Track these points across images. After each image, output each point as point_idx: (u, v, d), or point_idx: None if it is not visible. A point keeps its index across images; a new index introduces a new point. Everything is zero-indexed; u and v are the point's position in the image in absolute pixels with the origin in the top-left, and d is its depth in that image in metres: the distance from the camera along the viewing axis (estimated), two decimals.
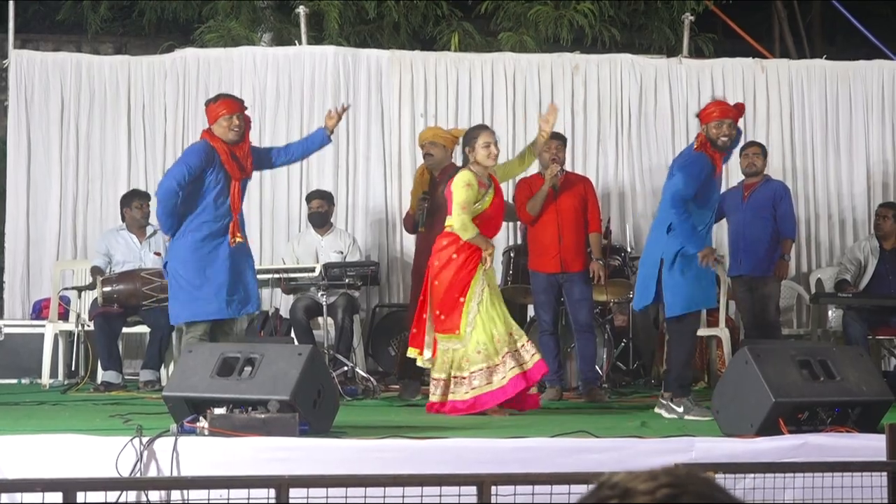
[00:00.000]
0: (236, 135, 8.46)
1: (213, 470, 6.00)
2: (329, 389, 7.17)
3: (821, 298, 10.52)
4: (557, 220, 9.74)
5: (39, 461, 6.17)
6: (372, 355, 11.17)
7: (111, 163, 11.63)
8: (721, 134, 8.17)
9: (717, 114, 8.23)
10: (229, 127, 8.44)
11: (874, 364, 8.80)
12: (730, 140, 8.25)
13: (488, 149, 8.57)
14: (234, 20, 13.36)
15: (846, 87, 12.03)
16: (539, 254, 9.77)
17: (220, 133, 8.46)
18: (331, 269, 9.91)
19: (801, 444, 6.53)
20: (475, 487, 5.16)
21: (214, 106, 8.55)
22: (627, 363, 10.99)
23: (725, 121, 8.19)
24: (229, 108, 8.51)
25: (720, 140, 8.18)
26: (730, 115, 8.24)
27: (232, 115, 8.46)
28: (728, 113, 8.25)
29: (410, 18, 13.73)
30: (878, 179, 11.97)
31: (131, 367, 10.92)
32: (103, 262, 10.55)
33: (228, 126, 8.44)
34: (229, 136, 8.45)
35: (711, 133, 8.19)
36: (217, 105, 8.55)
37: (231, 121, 8.45)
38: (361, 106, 11.70)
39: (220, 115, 8.46)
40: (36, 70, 11.68)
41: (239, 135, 8.48)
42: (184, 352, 7.40)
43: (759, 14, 15.90)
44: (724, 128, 8.17)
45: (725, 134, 8.18)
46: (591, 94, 11.85)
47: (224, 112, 8.47)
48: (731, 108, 8.35)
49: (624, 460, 6.29)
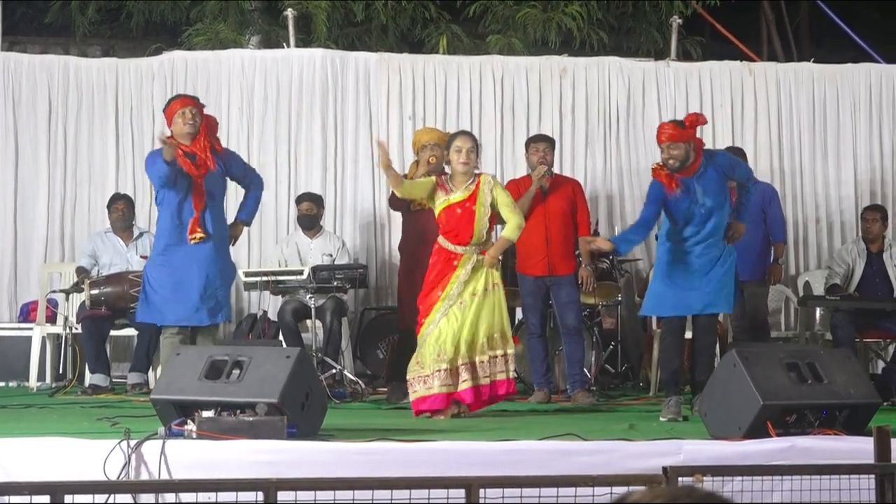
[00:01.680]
0: (192, 127, 8.62)
1: (201, 473, 5.99)
2: (317, 392, 7.16)
3: (809, 301, 10.53)
4: (545, 223, 9.74)
5: (27, 464, 6.16)
6: (360, 358, 11.16)
7: (99, 165, 11.61)
8: (668, 157, 8.47)
9: (660, 139, 8.54)
10: (184, 121, 8.62)
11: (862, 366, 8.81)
12: (677, 161, 8.45)
13: (458, 154, 8.64)
14: (221, 23, 13.34)
15: (834, 89, 12.04)
16: (526, 256, 9.77)
17: (177, 131, 8.64)
18: (319, 271, 9.90)
19: (789, 446, 6.55)
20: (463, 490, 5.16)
21: (169, 107, 8.77)
22: (616, 366, 10.99)
23: (663, 145, 8.49)
24: (182, 102, 8.74)
25: (668, 163, 8.49)
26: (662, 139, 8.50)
27: (185, 108, 8.65)
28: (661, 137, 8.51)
29: (398, 21, 13.72)
30: (865, 182, 11.98)
31: (119, 369, 10.90)
32: (88, 263, 10.54)
33: (183, 121, 8.62)
34: (185, 129, 8.62)
35: (662, 157, 8.54)
36: (172, 105, 8.77)
37: (184, 115, 8.63)
38: (349, 109, 11.69)
39: (175, 112, 8.66)
40: (23, 72, 11.65)
41: (195, 127, 8.62)
42: (171, 355, 7.39)
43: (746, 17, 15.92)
44: (667, 150, 8.47)
45: (670, 156, 8.45)
46: (578, 96, 11.86)
47: (178, 107, 8.67)
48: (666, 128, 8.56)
49: (612, 463, 6.30)
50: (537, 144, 10.00)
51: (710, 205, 8.52)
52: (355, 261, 10.98)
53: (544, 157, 9.84)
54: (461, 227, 8.58)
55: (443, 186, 8.67)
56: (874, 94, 12.06)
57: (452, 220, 8.59)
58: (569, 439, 6.68)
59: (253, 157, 11.49)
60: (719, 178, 8.58)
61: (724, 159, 8.76)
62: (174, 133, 8.64)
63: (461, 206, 8.59)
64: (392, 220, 11.59)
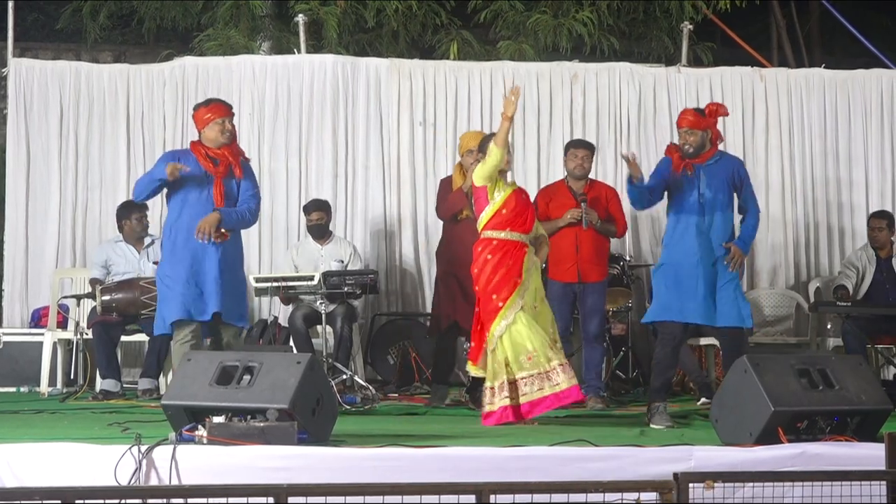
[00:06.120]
0: (227, 138, 8.71)
1: (212, 478, 6.00)
2: (328, 398, 7.16)
3: (820, 307, 10.51)
4: (576, 229, 9.74)
5: (38, 469, 6.17)
6: (371, 364, 11.16)
7: (110, 171, 11.63)
8: (684, 143, 8.52)
9: (680, 123, 8.61)
10: (221, 131, 8.71)
11: (873, 373, 8.80)
12: (692, 147, 8.49)
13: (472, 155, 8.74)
14: (233, 28, 13.37)
15: (845, 96, 12.02)
16: (557, 262, 9.75)
17: (210, 136, 8.71)
18: (330, 277, 9.91)
19: (800, 452, 6.53)
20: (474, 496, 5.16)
21: (202, 111, 8.79)
22: (627, 372, 10.99)
23: (681, 129, 8.56)
24: (220, 111, 8.77)
25: (683, 147, 8.53)
26: (681, 123, 8.57)
27: (224, 119, 8.73)
28: (681, 122, 8.58)
29: (409, 27, 13.74)
30: (876, 188, 11.96)
31: (130, 375, 10.91)
32: (101, 275, 10.55)
33: (221, 130, 8.71)
34: (220, 139, 8.71)
35: (679, 141, 8.60)
36: (206, 109, 8.79)
37: (223, 125, 8.72)
38: (360, 114, 11.70)
39: (211, 120, 8.71)
40: (35, 79, 11.67)
41: (229, 139, 8.72)
42: (182, 360, 7.40)
43: (757, 23, 15.93)
44: (684, 136, 8.53)
45: (686, 142, 8.51)
46: (589, 102, 11.85)
47: (216, 116, 8.72)
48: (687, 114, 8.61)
49: (623, 469, 6.29)
50: (576, 150, 9.96)
51: (709, 197, 8.46)
52: (366, 266, 10.98)
53: (583, 164, 9.86)
54: (528, 214, 8.57)
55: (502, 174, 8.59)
56: (885, 100, 12.04)
57: (521, 204, 8.54)
58: (580, 445, 6.66)
59: (264, 163, 11.52)
60: (726, 178, 8.54)
61: (740, 166, 8.71)
62: (203, 136, 8.72)
63: (525, 194, 8.68)
64: (402, 227, 11.60)
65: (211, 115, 8.70)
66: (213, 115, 8.70)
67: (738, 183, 8.60)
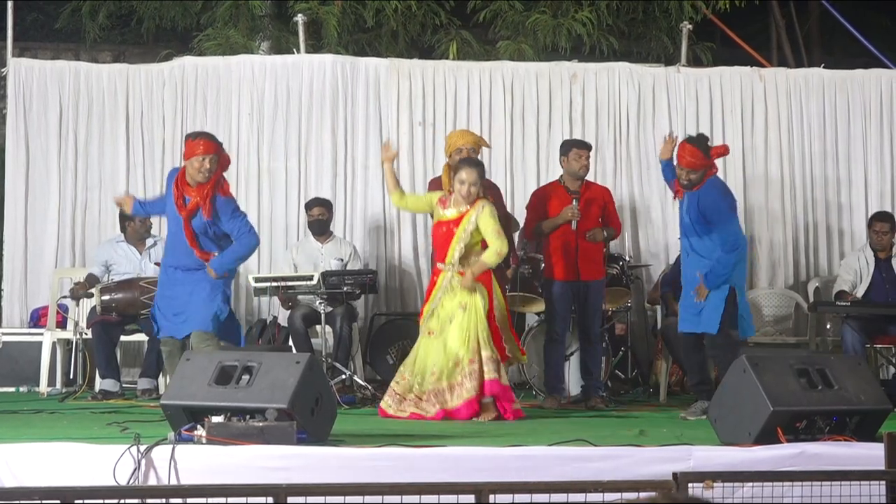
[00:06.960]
0: (203, 177, 8.70)
1: (211, 478, 6.00)
2: (327, 397, 7.17)
3: (819, 307, 10.51)
4: (575, 228, 9.74)
5: (37, 469, 6.18)
6: (370, 363, 11.15)
7: (109, 171, 11.62)
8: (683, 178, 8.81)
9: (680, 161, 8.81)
10: (199, 168, 8.70)
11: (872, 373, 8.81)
12: (690, 183, 8.75)
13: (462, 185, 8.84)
14: (232, 28, 13.36)
15: (844, 96, 12.02)
16: (555, 261, 9.76)
17: (190, 171, 8.74)
18: (329, 277, 9.91)
19: (799, 452, 6.54)
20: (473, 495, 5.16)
21: (193, 143, 8.80)
22: (626, 371, 10.99)
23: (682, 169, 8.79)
24: (205, 148, 8.74)
25: (681, 180, 8.83)
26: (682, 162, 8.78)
27: (205, 157, 8.69)
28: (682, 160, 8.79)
29: (409, 27, 13.72)
30: (875, 188, 11.95)
31: (129, 375, 10.91)
32: (100, 272, 10.55)
33: (199, 167, 8.69)
34: (197, 177, 8.72)
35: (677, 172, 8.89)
36: (195, 143, 8.79)
37: (203, 163, 8.69)
38: (360, 114, 11.69)
39: (195, 153, 8.71)
40: (34, 78, 11.67)
41: (206, 177, 8.70)
42: (182, 360, 7.40)
43: (757, 23, 15.92)
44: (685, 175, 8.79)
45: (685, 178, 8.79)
46: (589, 102, 11.84)
47: (199, 151, 8.71)
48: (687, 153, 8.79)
49: (622, 469, 6.30)
50: (581, 151, 9.93)
51: (686, 221, 8.82)
52: (366, 266, 10.98)
53: (586, 166, 9.93)
54: (443, 245, 8.88)
55: (443, 202, 8.92)
56: (885, 101, 12.02)
57: (439, 236, 8.93)
58: (579, 445, 6.67)
59: (263, 163, 11.53)
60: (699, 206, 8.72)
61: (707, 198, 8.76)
62: (187, 165, 8.73)
63: (447, 225, 8.86)
64: (402, 226, 11.59)
65: (194, 149, 8.72)
66: (196, 151, 8.70)
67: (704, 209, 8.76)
